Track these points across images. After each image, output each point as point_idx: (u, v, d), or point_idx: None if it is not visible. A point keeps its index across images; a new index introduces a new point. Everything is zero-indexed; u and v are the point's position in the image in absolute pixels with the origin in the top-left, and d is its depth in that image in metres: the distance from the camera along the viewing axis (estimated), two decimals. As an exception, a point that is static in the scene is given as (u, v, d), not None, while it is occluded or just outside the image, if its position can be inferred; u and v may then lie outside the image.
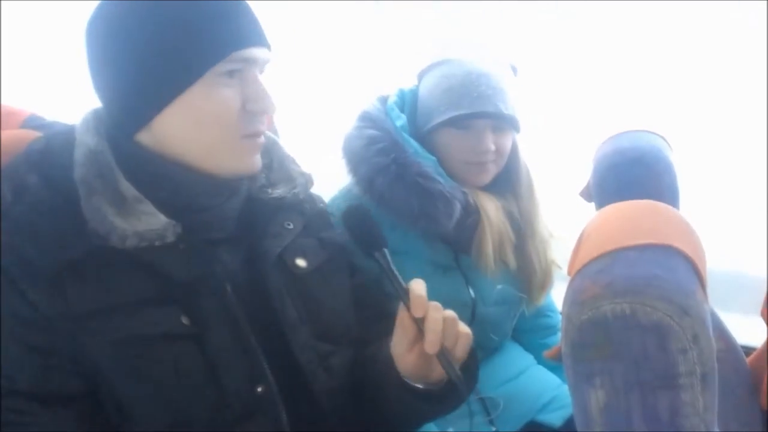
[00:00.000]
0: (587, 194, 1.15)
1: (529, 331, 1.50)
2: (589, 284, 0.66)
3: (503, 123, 1.27)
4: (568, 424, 1.30)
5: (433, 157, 1.25)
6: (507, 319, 1.39)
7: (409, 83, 1.37)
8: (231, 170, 0.92)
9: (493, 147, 1.25)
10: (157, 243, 0.86)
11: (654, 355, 0.61)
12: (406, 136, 1.26)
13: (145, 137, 0.90)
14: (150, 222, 0.86)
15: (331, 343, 0.99)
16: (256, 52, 0.89)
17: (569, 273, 0.75)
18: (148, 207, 0.88)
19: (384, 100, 1.34)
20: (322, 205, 1.12)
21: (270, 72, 0.94)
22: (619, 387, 0.62)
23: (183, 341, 0.86)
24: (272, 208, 1.00)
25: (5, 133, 1.07)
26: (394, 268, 0.89)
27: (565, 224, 1.37)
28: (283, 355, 0.93)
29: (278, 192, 1.01)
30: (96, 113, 0.94)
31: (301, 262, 1.00)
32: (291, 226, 1.01)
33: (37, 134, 1.02)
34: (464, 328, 0.89)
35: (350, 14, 1.98)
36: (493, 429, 1.30)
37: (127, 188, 0.88)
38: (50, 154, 0.90)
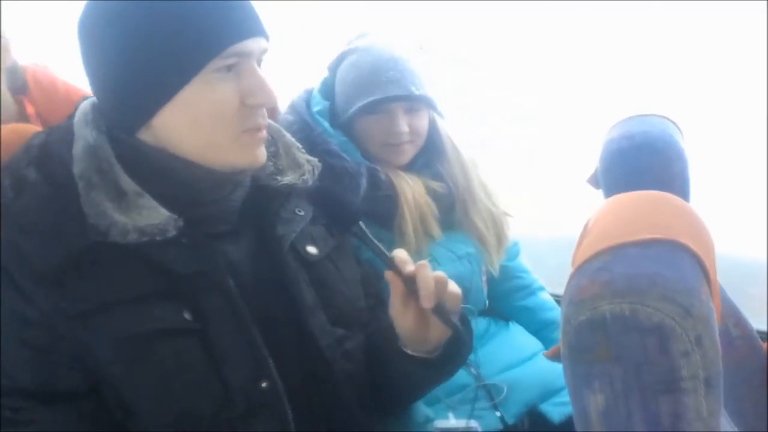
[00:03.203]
0: (595, 181, 1.12)
1: (505, 296, 1.52)
2: (587, 283, 0.63)
3: (415, 104, 1.33)
4: (568, 423, 1.28)
5: (344, 138, 1.31)
6: (472, 279, 1.39)
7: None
8: (233, 165, 0.90)
9: (407, 128, 1.31)
10: (158, 238, 0.85)
11: (655, 358, 0.58)
12: (318, 118, 1.32)
13: (145, 134, 0.89)
14: (151, 216, 0.85)
15: (344, 328, 0.99)
16: (252, 43, 0.87)
17: (572, 266, 0.72)
18: (149, 201, 0.86)
19: (310, 91, 1.40)
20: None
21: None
22: (618, 391, 0.59)
23: (185, 337, 0.86)
24: (283, 194, 1.00)
25: (5, 128, 1.06)
26: (372, 237, 0.93)
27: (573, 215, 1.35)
28: (292, 345, 0.92)
29: (287, 179, 1.01)
30: (95, 107, 0.93)
31: (312, 250, 1.00)
32: (302, 213, 1.01)
33: (36, 128, 1.01)
34: (454, 287, 0.92)
35: (294, 13, 1.96)
36: (498, 414, 1.30)
37: (127, 183, 0.87)
38: (50, 149, 0.89)
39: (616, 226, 0.70)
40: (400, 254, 0.91)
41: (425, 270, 0.89)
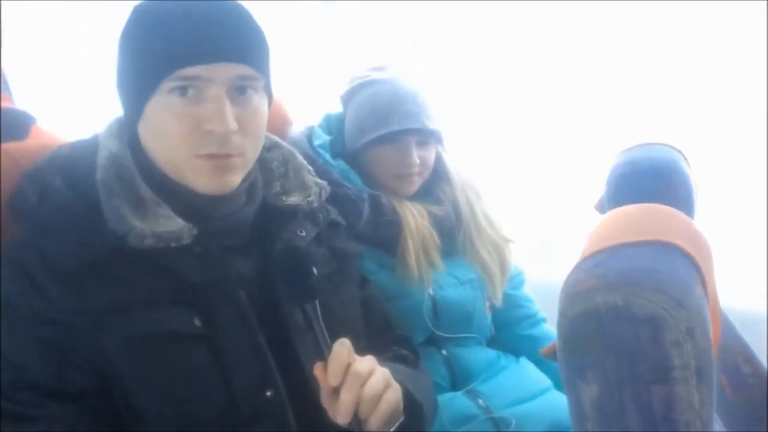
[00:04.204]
0: (601, 207, 1.14)
1: (510, 325, 1.52)
2: (584, 277, 0.64)
3: (427, 137, 1.38)
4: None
5: (346, 167, 1.36)
6: (475, 304, 1.40)
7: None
8: (198, 188, 0.91)
9: (418, 160, 1.36)
10: (173, 244, 0.87)
11: (647, 348, 0.59)
12: (319, 150, 1.36)
13: None
14: (167, 224, 0.88)
15: None
16: (211, 69, 0.85)
17: None
18: (166, 210, 0.90)
19: (311, 127, 1.44)
20: (335, 216, 1.13)
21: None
22: (611, 381, 0.60)
23: (194, 342, 0.87)
24: (286, 215, 1.02)
25: (38, 143, 1.11)
26: (322, 323, 0.87)
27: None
28: (293, 360, 0.93)
29: (292, 200, 1.03)
30: (119, 120, 0.97)
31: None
32: (303, 234, 1.02)
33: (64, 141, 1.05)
34: (385, 406, 0.86)
35: (296, 15, 2.00)
36: None
37: (146, 192, 0.91)
38: (75, 158, 0.94)
39: (614, 229, 0.72)
40: (339, 352, 0.84)
41: (352, 387, 0.83)
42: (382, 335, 1.11)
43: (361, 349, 1.00)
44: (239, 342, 0.89)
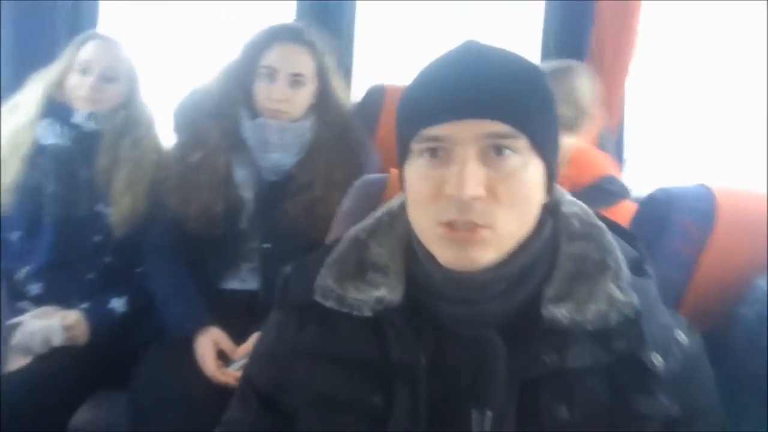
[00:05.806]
0: None
1: None
2: None
3: None
4: None
5: None
6: None
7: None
8: (440, 260, 0.82)
9: None
10: (355, 312, 0.86)
11: None
12: None
13: None
14: (363, 292, 0.88)
15: None
16: (452, 128, 0.78)
17: None
18: (384, 279, 0.88)
19: None
20: (649, 358, 0.82)
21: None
22: None
23: (365, 418, 0.85)
24: (542, 327, 0.82)
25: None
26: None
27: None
28: None
29: (556, 311, 0.82)
30: None
31: (560, 409, 0.80)
32: (548, 359, 0.81)
33: None
34: None
35: None
36: None
37: (376, 255, 0.91)
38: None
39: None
40: None
41: None
42: None
43: None
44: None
